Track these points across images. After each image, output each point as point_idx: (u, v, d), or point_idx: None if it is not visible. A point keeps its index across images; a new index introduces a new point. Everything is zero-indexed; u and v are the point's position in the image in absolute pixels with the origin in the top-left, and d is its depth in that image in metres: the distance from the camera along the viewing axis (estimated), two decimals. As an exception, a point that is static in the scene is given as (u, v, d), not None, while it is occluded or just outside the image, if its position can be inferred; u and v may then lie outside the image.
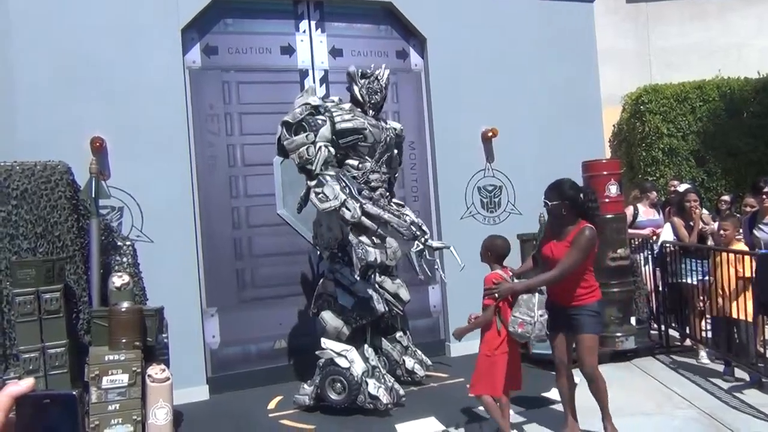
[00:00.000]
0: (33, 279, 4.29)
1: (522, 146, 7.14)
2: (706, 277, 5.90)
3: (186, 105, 6.09)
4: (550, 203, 4.19)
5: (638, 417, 4.72)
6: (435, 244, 5.64)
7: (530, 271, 4.50)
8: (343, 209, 4.91)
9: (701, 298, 6.09)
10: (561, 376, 4.34)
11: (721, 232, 5.68)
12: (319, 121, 5.11)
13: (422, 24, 6.96)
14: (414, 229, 5.26)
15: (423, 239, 5.69)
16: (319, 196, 4.98)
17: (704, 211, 7.00)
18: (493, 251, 4.38)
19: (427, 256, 5.69)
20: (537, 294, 4.06)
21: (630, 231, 6.92)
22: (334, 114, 5.22)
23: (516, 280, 4.29)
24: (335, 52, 6.76)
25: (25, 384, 0.84)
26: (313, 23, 6.71)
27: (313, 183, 5.03)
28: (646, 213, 7.37)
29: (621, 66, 10.52)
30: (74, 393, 0.83)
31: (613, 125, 10.72)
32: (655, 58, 11.10)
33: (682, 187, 7.72)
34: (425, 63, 7.06)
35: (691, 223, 6.39)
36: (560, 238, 4.18)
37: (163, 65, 5.95)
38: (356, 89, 5.47)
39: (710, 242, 6.34)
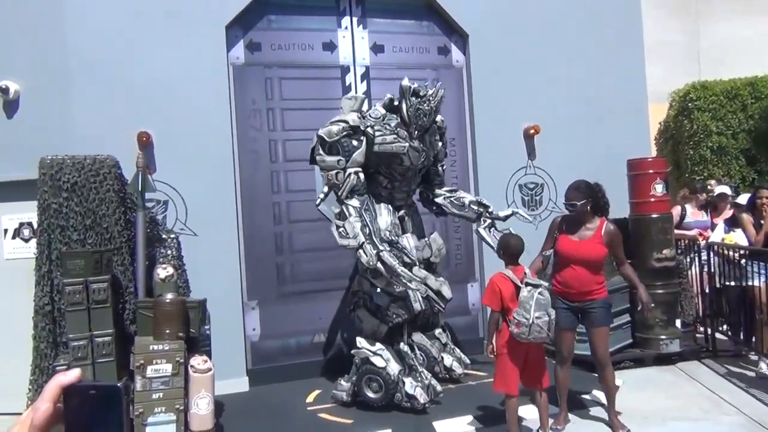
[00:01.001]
0: (82, 269, 4.42)
1: (565, 144, 7.02)
2: None
3: (229, 100, 6.18)
4: (578, 203, 4.42)
5: (683, 422, 4.61)
6: (502, 213, 5.69)
7: (541, 271, 4.62)
8: (360, 252, 4.95)
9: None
10: (563, 367, 4.63)
11: None
12: (354, 143, 5.08)
13: (464, 20, 6.90)
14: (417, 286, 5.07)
15: (488, 212, 5.72)
16: (340, 230, 5.06)
17: None
18: (506, 250, 4.37)
19: (498, 229, 5.69)
20: (536, 295, 4.04)
21: (676, 231, 6.75)
22: (376, 134, 5.17)
23: (536, 280, 4.23)
24: (377, 48, 6.77)
25: (73, 374, 0.86)
26: (354, 19, 6.72)
27: (337, 211, 5.12)
28: (694, 214, 7.20)
29: (668, 62, 10.24)
30: (119, 384, 0.85)
31: (660, 123, 10.45)
32: (704, 54, 10.78)
33: (718, 189, 7.45)
34: (467, 59, 7.01)
35: (762, 222, 6.04)
36: (585, 236, 4.47)
37: (208, 61, 6.05)
38: (404, 108, 5.24)
39: None
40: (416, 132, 5.28)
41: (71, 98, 5.66)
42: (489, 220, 5.77)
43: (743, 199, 6.35)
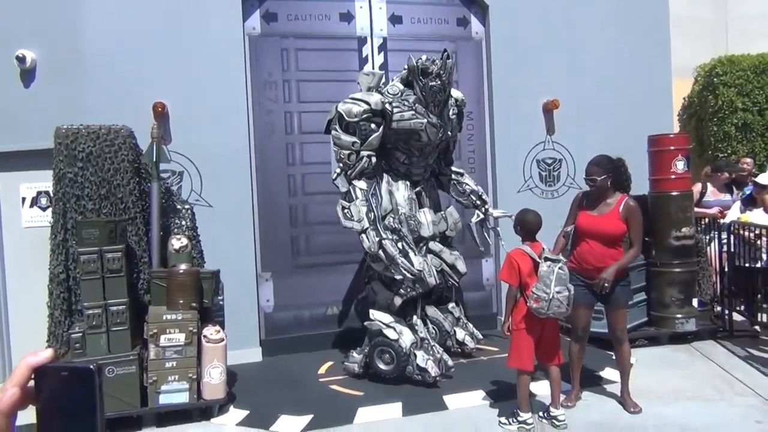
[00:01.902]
0: (97, 239, 4.45)
1: (585, 119, 6.88)
2: None
3: (245, 71, 6.13)
4: (598, 178, 4.36)
5: (697, 402, 4.56)
6: (496, 213, 5.65)
7: (564, 249, 4.62)
8: (363, 237, 5.00)
9: None
10: (578, 345, 4.61)
11: None
12: (372, 126, 5.04)
13: (485, -10, 6.75)
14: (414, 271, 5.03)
15: (483, 209, 5.70)
16: (345, 211, 5.08)
17: None
18: (523, 226, 4.33)
19: (489, 225, 5.69)
20: (556, 270, 4.01)
21: (695, 210, 6.62)
22: (394, 111, 5.11)
23: (555, 256, 4.20)
24: (394, 19, 6.65)
25: (44, 355, 0.83)
26: (372, -11, 6.60)
27: (344, 191, 5.13)
28: (714, 193, 7.04)
29: (694, 36, 9.95)
30: (92, 366, 0.82)
31: (684, 98, 10.19)
32: (731, 28, 10.46)
33: (762, 178, 6.96)
34: (486, 31, 6.87)
35: None
36: (602, 211, 4.41)
37: (224, 32, 6.00)
38: (417, 88, 5.16)
39: None
40: (435, 108, 5.20)
41: (86, 68, 5.66)
42: (481, 216, 5.73)
43: (763, 178, 6.13)
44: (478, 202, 5.79)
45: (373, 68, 6.38)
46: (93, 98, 5.58)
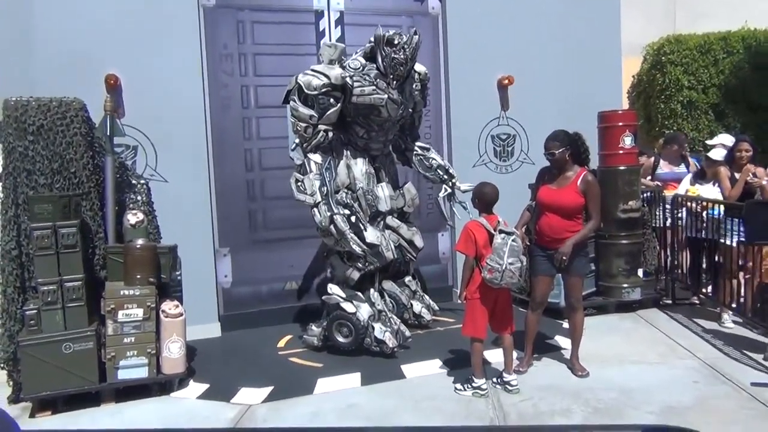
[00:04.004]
0: (50, 214, 4.37)
1: (538, 95, 7.03)
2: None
3: (200, 44, 6.04)
4: (556, 152, 4.49)
5: (641, 366, 4.82)
6: (464, 186, 5.73)
7: (529, 222, 4.77)
8: (315, 210, 5.05)
9: (740, 262, 5.54)
10: (535, 313, 4.77)
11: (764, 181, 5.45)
12: (331, 101, 5.05)
13: (441, -34, 6.78)
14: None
15: (451, 182, 5.79)
16: (298, 184, 5.13)
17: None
18: (481, 198, 4.45)
19: (456, 200, 5.79)
20: (509, 242, 4.15)
21: (644, 181, 6.85)
22: (355, 85, 5.10)
23: (509, 228, 4.33)
24: (351, -7, 6.62)
25: None
26: (329, -38, 6.55)
27: (299, 163, 5.16)
28: (667, 165, 7.15)
29: (644, 14, 10.22)
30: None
31: (633, 76, 10.49)
32: (680, 8, 10.76)
33: (714, 153, 6.53)
34: (443, 7, 6.91)
35: (737, 175, 5.90)
36: (561, 184, 4.54)
37: (178, 3, 5.88)
38: (380, 59, 5.13)
39: (758, 197, 5.70)
40: (395, 82, 5.20)
41: (35, 41, 5.48)
42: (449, 190, 5.83)
43: (715, 153, 6.32)
44: (445, 177, 5.87)
45: (330, 41, 6.35)
46: (42, 71, 5.41)
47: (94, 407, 4.47)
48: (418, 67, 5.65)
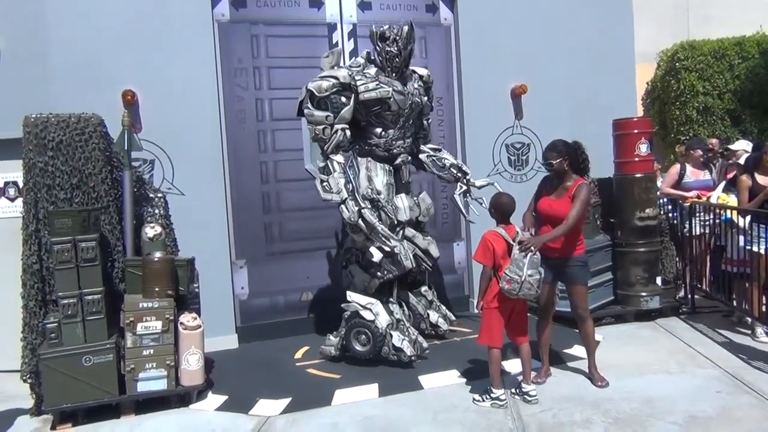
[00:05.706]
0: (70, 228, 4.42)
1: (552, 103, 7.02)
2: None
3: (215, 58, 6.10)
4: (554, 162, 4.48)
5: (660, 375, 4.76)
6: (479, 182, 5.75)
7: (533, 225, 4.75)
8: (343, 207, 5.07)
9: None
10: (543, 321, 4.78)
11: None
12: (343, 100, 5.13)
13: (453, -24, 6.82)
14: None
15: (465, 179, 5.79)
16: (324, 185, 5.16)
17: None
18: (498, 209, 4.43)
19: (472, 196, 5.78)
20: (529, 254, 4.12)
21: (673, 191, 6.74)
22: (359, 84, 5.20)
23: (525, 234, 4.36)
24: (364, 6, 6.68)
25: None
26: (342, -25, 6.61)
27: (322, 165, 5.21)
28: (694, 173, 6.80)
29: (657, 21, 10.20)
30: None
31: (647, 83, 10.45)
32: (693, 13, 10.72)
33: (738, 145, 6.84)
34: (455, 17, 6.94)
35: (758, 178, 5.64)
36: (560, 194, 4.53)
37: (193, 18, 5.96)
38: (376, 55, 5.39)
39: None
40: (394, 75, 5.34)
41: (53, 57, 5.57)
42: (465, 187, 5.83)
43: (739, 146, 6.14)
44: (459, 175, 5.88)
45: (343, 54, 6.41)
46: (60, 87, 5.50)
47: (114, 419, 4.49)
48: (420, 70, 5.74)
